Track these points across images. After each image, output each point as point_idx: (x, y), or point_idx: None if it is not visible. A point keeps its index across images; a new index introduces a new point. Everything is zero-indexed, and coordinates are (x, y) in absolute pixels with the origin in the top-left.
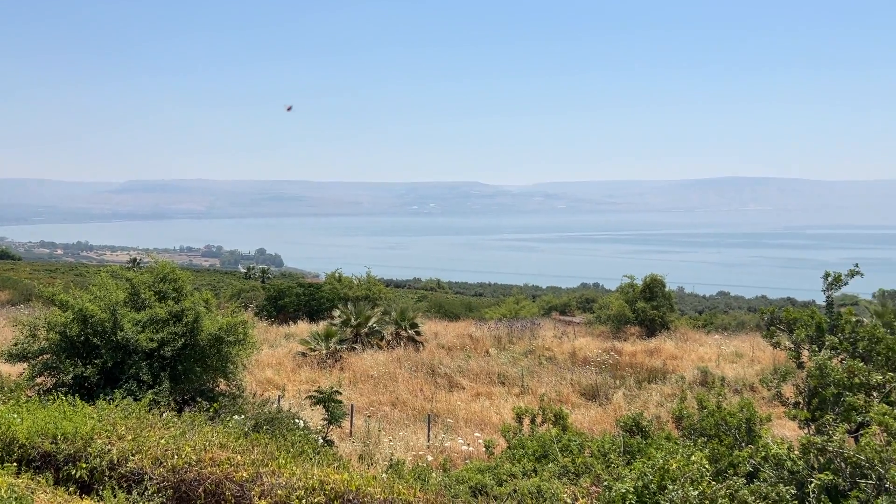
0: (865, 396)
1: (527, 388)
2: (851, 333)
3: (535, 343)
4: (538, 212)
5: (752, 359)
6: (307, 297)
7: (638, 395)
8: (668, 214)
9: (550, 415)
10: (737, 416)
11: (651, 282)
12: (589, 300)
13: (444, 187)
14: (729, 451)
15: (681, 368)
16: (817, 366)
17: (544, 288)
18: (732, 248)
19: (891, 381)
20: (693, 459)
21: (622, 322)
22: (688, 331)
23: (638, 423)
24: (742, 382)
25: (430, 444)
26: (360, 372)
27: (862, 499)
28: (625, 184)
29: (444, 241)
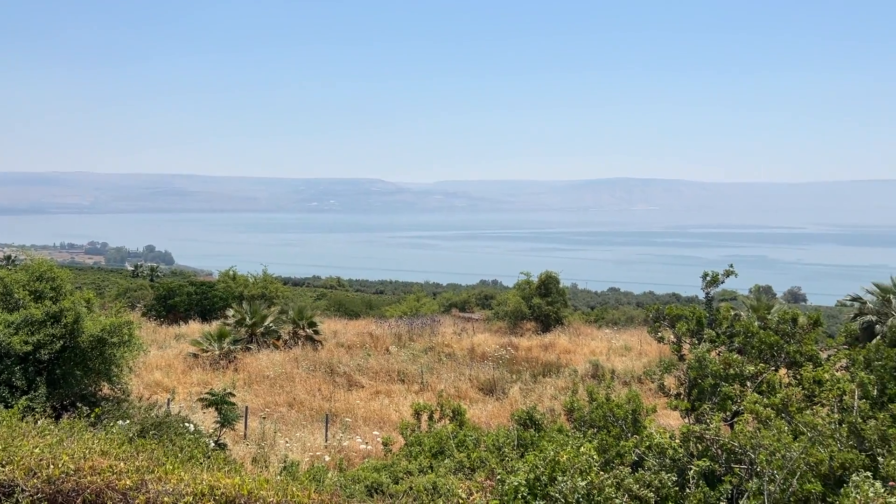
0: (740, 387)
1: (426, 385)
2: (728, 328)
3: (435, 340)
4: (439, 210)
5: (639, 352)
6: (199, 296)
7: (533, 388)
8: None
9: (448, 411)
10: (624, 408)
11: (546, 278)
12: (488, 297)
13: (345, 184)
14: (616, 442)
15: (574, 362)
16: (697, 358)
17: (444, 285)
18: (623, 245)
19: (763, 371)
20: (582, 451)
21: (519, 318)
22: (581, 325)
23: (532, 416)
24: (630, 375)
25: (327, 445)
26: (255, 373)
27: (735, 482)
28: (523, 183)
29: (345, 239)
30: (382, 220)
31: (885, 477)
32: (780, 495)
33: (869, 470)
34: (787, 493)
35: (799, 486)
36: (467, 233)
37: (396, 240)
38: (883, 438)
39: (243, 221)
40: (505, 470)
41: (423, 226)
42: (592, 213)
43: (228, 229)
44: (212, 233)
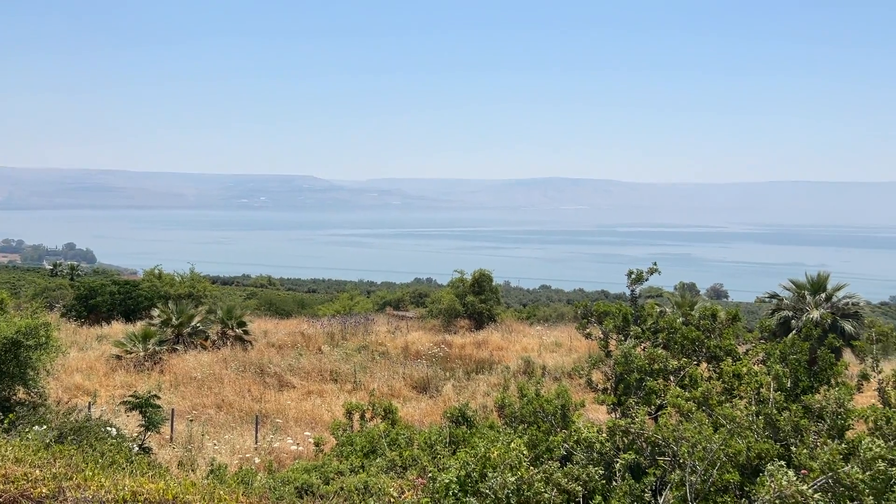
0: (664, 381)
1: (360, 384)
2: (653, 324)
3: (368, 339)
4: (373, 207)
5: (570, 348)
6: (123, 296)
7: (466, 385)
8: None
9: (380, 409)
10: (553, 403)
11: (480, 276)
12: (422, 295)
13: (277, 180)
14: (546, 437)
15: (506, 359)
16: (623, 354)
17: (379, 283)
18: (554, 244)
19: (685, 366)
20: (512, 447)
21: (453, 316)
22: (513, 323)
23: (464, 413)
24: (561, 370)
25: (257, 446)
26: (182, 374)
27: (659, 474)
28: (457, 182)
29: (276, 237)
30: (315, 218)
31: (798, 465)
32: (701, 485)
33: (783, 459)
34: (707, 483)
35: (718, 476)
36: (402, 231)
37: (330, 238)
38: (796, 429)
39: (170, 219)
40: (437, 467)
41: (357, 224)
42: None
43: (154, 227)
44: (137, 230)
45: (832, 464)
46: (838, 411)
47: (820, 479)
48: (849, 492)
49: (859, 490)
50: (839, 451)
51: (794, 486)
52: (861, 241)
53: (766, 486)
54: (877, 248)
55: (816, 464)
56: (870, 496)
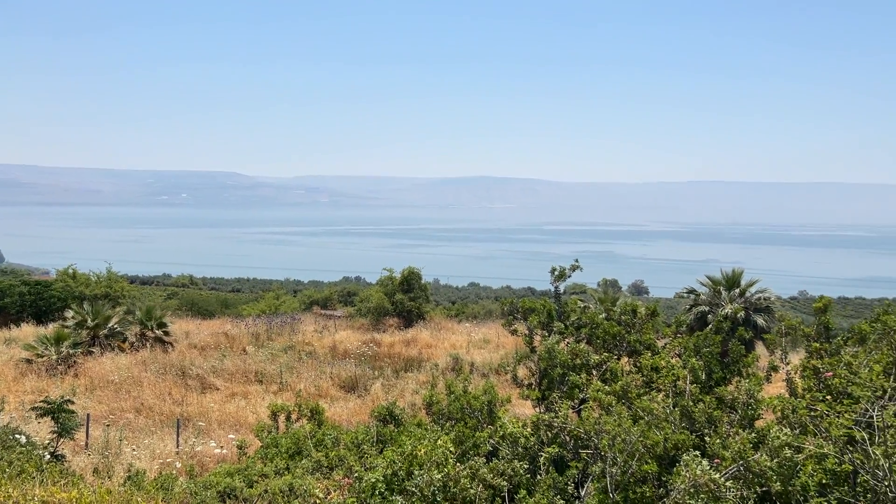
0: (587, 375)
1: (286, 385)
2: (577, 320)
3: (295, 338)
4: (300, 205)
5: (498, 345)
6: (33, 297)
7: (395, 384)
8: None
9: (306, 410)
10: (480, 400)
11: (409, 274)
12: (350, 294)
13: (199, 177)
14: (472, 433)
15: (435, 356)
16: (547, 349)
17: (306, 282)
18: (482, 242)
19: (607, 360)
20: (439, 444)
21: (382, 314)
22: (442, 320)
23: (391, 412)
24: (489, 367)
25: (179, 451)
26: (98, 378)
27: (580, 467)
28: (385, 180)
29: (199, 235)
30: (240, 216)
31: (711, 455)
32: (621, 477)
33: (699, 449)
34: (627, 475)
35: (638, 467)
36: (330, 229)
37: (255, 236)
38: (709, 420)
39: (85, 216)
40: (364, 467)
41: (283, 221)
42: (454, 211)
43: (68, 224)
44: (49, 228)
45: (743, 452)
46: (749, 402)
47: (732, 468)
48: (758, 478)
49: (767, 477)
50: (749, 440)
51: (707, 475)
52: (772, 238)
53: (682, 476)
54: (787, 245)
55: (728, 453)
56: (777, 482)
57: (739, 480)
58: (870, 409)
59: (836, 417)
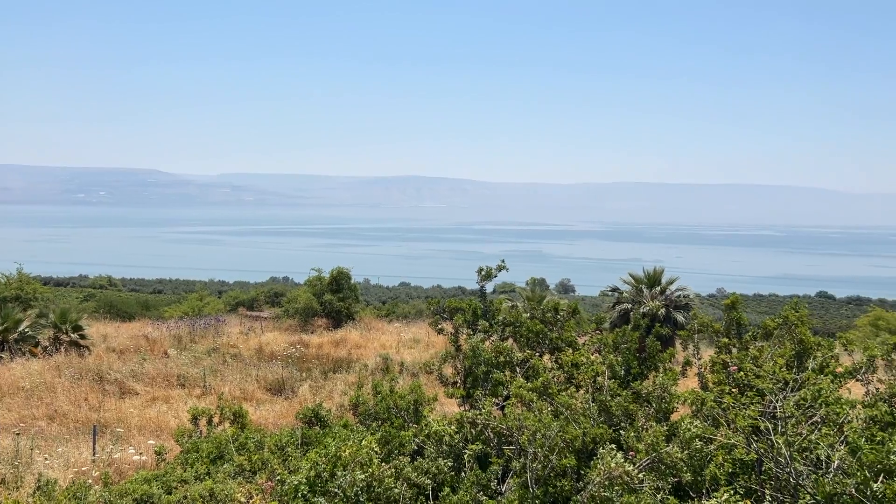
0: (510, 373)
1: (210, 388)
2: (502, 318)
3: (219, 341)
4: (225, 204)
5: (428, 344)
6: None
7: (324, 385)
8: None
9: (229, 413)
10: (406, 399)
11: (338, 274)
12: (278, 294)
13: (117, 174)
14: (398, 433)
15: (365, 357)
16: (471, 348)
17: (231, 283)
18: (413, 241)
19: (530, 357)
20: (364, 444)
21: (310, 315)
22: (372, 320)
23: (317, 413)
24: (419, 366)
25: (96, 458)
26: (7, 384)
27: (500, 463)
28: (314, 178)
29: (118, 234)
30: (161, 214)
31: (627, 448)
32: (541, 471)
33: (615, 443)
34: (547, 469)
35: (557, 461)
36: (257, 228)
37: (178, 235)
38: (626, 413)
39: None
40: (287, 470)
41: (207, 220)
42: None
43: None
44: None
45: (656, 445)
46: (663, 396)
47: (645, 460)
48: (670, 470)
49: (679, 468)
50: (662, 433)
51: (621, 467)
52: (691, 238)
53: (598, 469)
54: (705, 244)
55: (642, 445)
56: (688, 472)
57: (653, 472)
58: (773, 400)
59: (744, 409)
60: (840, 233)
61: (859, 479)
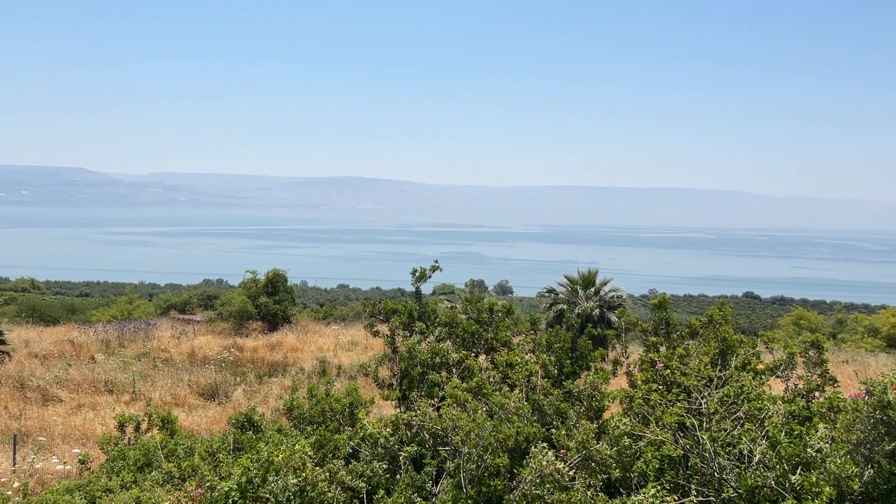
0: (446, 374)
1: (139, 394)
2: (438, 319)
3: (150, 345)
4: (156, 204)
5: (366, 346)
6: None
7: (259, 389)
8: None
9: (157, 420)
10: (342, 402)
11: (274, 277)
12: (211, 297)
13: (41, 172)
14: (333, 436)
15: (301, 360)
16: (407, 349)
17: (163, 286)
18: (352, 243)
19: (465, 358)
20: (297, 448)
21: (245, 318)
22: (309, 323)
23: (250, 418)
24: (356, 369)
25: (16, 469)
26: None
27: (434, 464)
28: (249, 178)
29: (42, 235)
30: (88, 215)
31: (558, 446)
32: (475, 471)
33: (548, 441)
34: (481, 469)
35: (491, 460)
36: (189, 229)
37: (106, 236)
38: (557, 412)
39: None
40: (218, 476)
41: (138, 221)
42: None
43: None
44: None
45: (586, 442)
46: (593, 394)
47: (576, 458)
48: (600, 467)
49: (608, 465)
50: (592, 431)
51: (553, 465)
52: (625, 240)
53: (530, 468)
54: (638, 246)
55: (573, 443)
56: (617, 469)
57: (583, 469)
58: (699, 397)
59: (670, 406)
60: (765, 235)
61: (779, 471)
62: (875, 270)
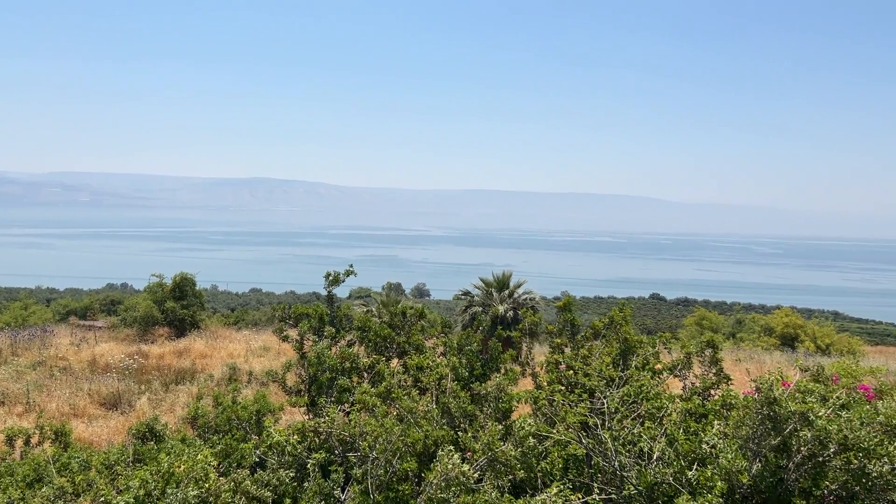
0: (357, 378)
1: (34, 405)
2: (349, 323)
3: (46, 353)
4: (55, 204)
5: (279, 352)
6: None
7: (164, 398)
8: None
9: (50, 432)
10: (248, 410)
11: (181, 280)
12: (115, 302)
13: None
14: (239, 445)
15: (210, 367)
16: (315, 354)
17: (62, 290)
18: (265, 246)
19: (377, 362)
20: (199, 458)
21: (150, 324)
22: (219, 328)
23: (152, 427)
24: (268, 375)
25: None
26: None
27: (342, 471)
28: (156, 178)
29: None
30: None
31: (464, 448)
32: (384, 476)
33: (455, 444)
34: (389, 474)
35: (399, 465)
36: (91, 231)
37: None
38: (465, 414)
39: None
40: (115, 490)
41: (35, 222)
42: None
43: None
44: None
45: (491, 444)
46: (500, 396)
47: (482, 459)
48: (505, 468)
49: (513, 466)
50: (498, 432)
51: (457, 468)
52: (538, 244)
53: (435, 471)
54: (551, 250)
55: (478, 445)
56: (521, 470)
57: (489, 471)
58: (601, 396)
59: (574, 406)
60: (669, 239)
61: (676, 467)
62: (771, 273)
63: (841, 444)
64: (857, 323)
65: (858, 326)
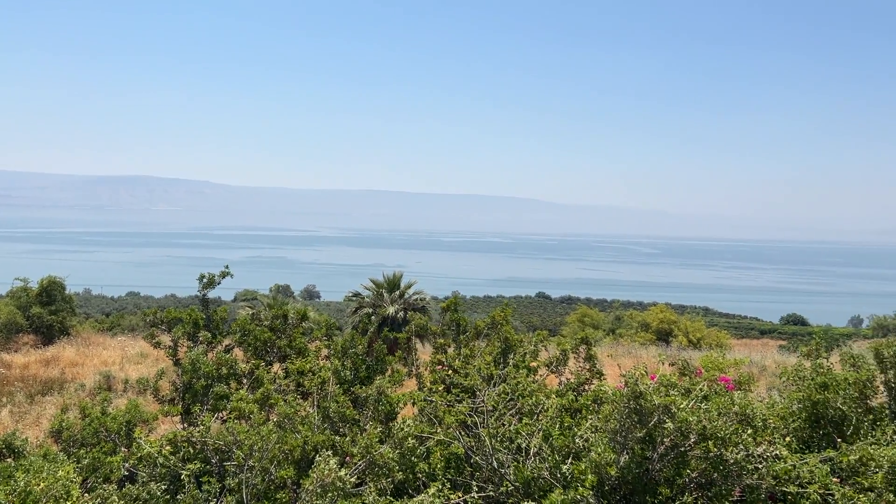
0: (236, 385)
1: None
2: (226, 327)
3: None
4: None
5: (157, 358)
6: None
7: (29, 410)
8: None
9: None
10: (118, 420)
11: (49, 284)
12: None
13: None
14: (107, 458)
15: (82, 376)
16: (190, 360)
17: None
18: (143, 247)
19: (256, 367)
20: (60, 475)
21: (14, 331)
22: (92, 335)
23: (10, 443)
24: (146, 383)
25: None
26: None
27: (213, 482)
28: (23, 176)
29: None
30: None
31: (343, 453)
32: (261, 485)
33: (334, 448)
34: (266, 482)
35: (277, 473)
36: None
37: None
38: (343, 419)
39: None
40: None
41: None
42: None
43: None
44: None
45: (369, 447)
46: (379, 398)
47: (361, 463)
48: (383, 470)
49: (391, 468)
50: (376, 435)
51: (334, 472)
52: (431, 244)
53: (311, 477)
54: (443, 250)
55: (356, 449)
56: (399, 472)
57: (368, 475)
58: (481, 395)
59: (456, 405)
60: (554, 240)
61: (552, 462)
62: (648, 271)
63: (700, 434)
64: (725, 318)
65: (727, 321)
